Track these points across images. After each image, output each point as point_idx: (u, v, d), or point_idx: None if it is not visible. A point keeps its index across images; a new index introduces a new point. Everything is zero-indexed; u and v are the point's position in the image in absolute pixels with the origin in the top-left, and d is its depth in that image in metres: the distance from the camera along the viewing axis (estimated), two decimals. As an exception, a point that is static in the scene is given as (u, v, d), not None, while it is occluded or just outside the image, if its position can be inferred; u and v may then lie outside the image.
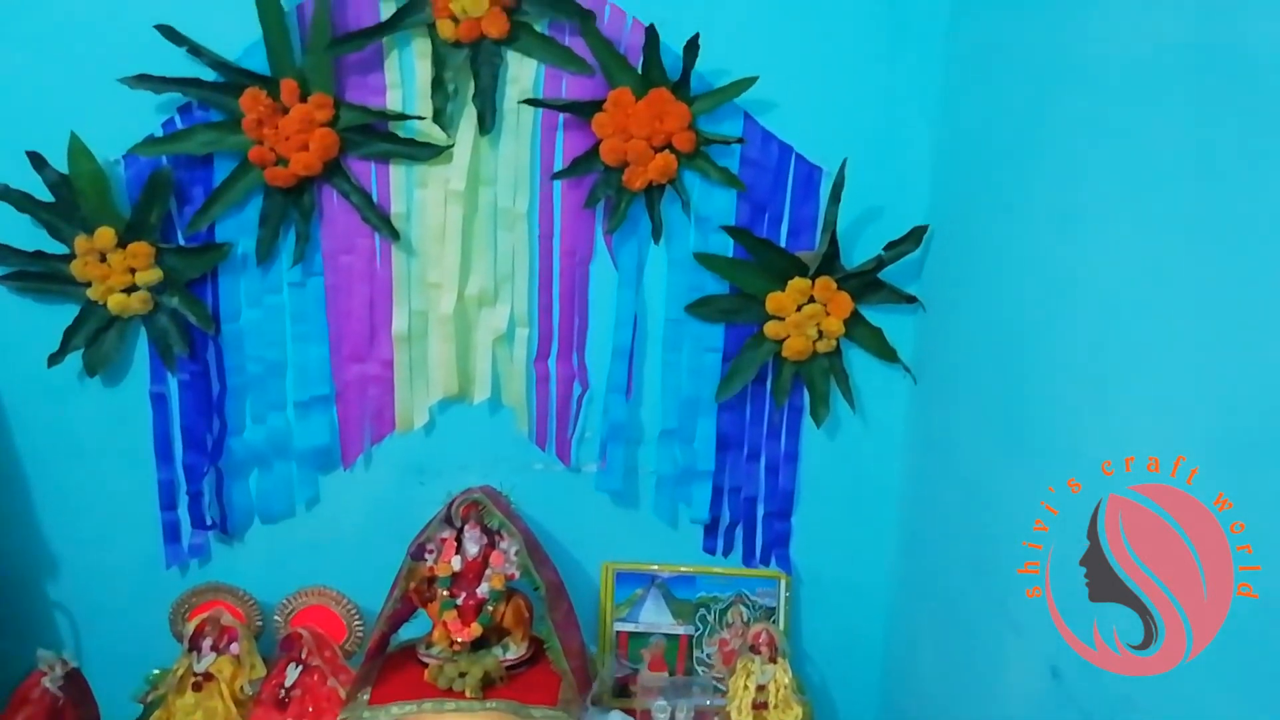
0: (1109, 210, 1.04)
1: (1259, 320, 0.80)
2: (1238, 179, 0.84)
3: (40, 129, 1.50)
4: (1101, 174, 1.06)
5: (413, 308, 1.63)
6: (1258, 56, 0.81)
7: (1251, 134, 0.82)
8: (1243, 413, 0.82)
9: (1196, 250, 0.89)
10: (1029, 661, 1.17)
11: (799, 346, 1.59)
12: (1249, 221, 0.82)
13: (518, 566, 1.54)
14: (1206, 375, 0.87)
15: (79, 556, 1.71)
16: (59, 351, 1.58)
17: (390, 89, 1.55)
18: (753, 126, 1.56)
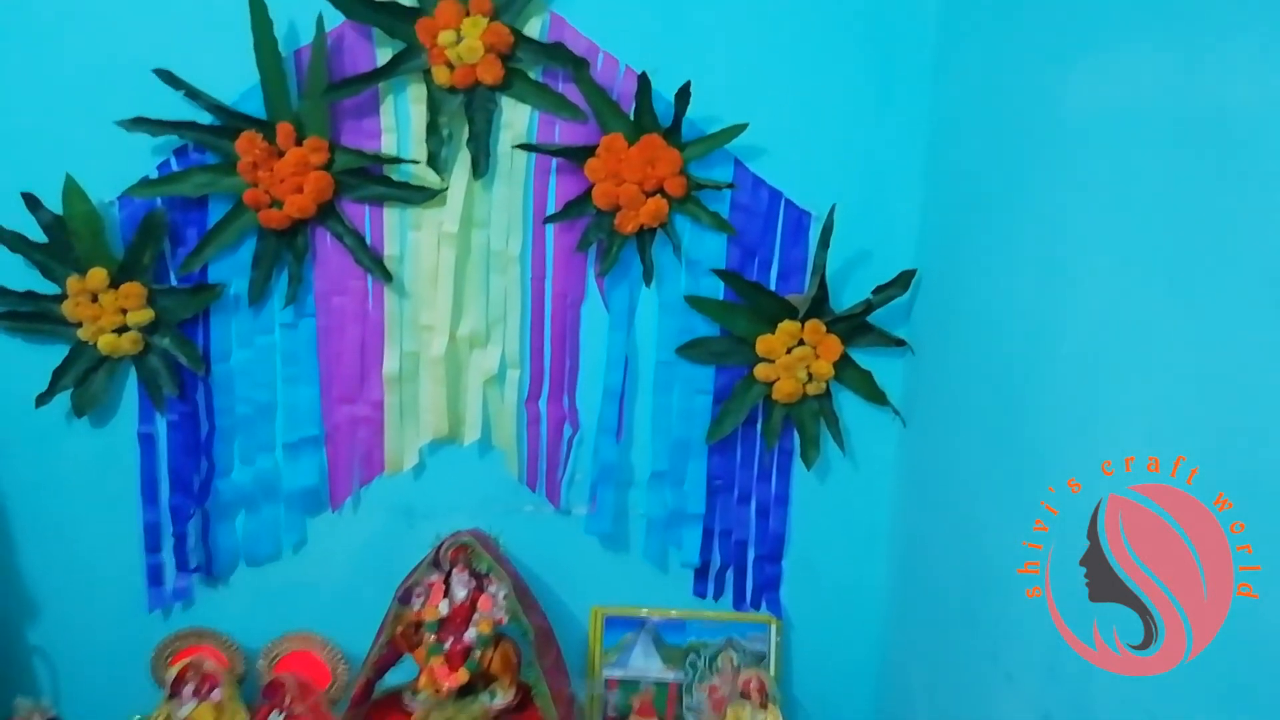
0: (1090, 260, 1.06)
1: (1232, 366, 0.82)
2: (1211, 229, 0.86)
3: (36, 170, 1.51)
4: (1082, 224, 1.08)
5: (404, 349, 1.63)
6: (1230, 114, 0.84)
7: (1223, 186, 0.84)
8: (1233, 457, 0.83)
9: (1174, 301, 0.91)
10: (1021, 710, 1.16)
11: (789, 389, 1.60)
12: (1222, 270, 0.84)
13: (506, 611, 1.52)
14: (1189, 422, 0.88)
15: (60, 599, 1.69)
16: (47, 391, 1.58)
17: (385, 133, 1.57)
18: (743, 172, 1.58)
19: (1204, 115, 0.87)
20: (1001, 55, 1.32)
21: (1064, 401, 1.11)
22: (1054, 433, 1.13)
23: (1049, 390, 1.14)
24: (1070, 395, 1.09)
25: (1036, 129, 1.20)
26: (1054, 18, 1.16)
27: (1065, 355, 1.11)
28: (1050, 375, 1.14)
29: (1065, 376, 1.11)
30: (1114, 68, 1.02)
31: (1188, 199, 0.89)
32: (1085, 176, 1.08)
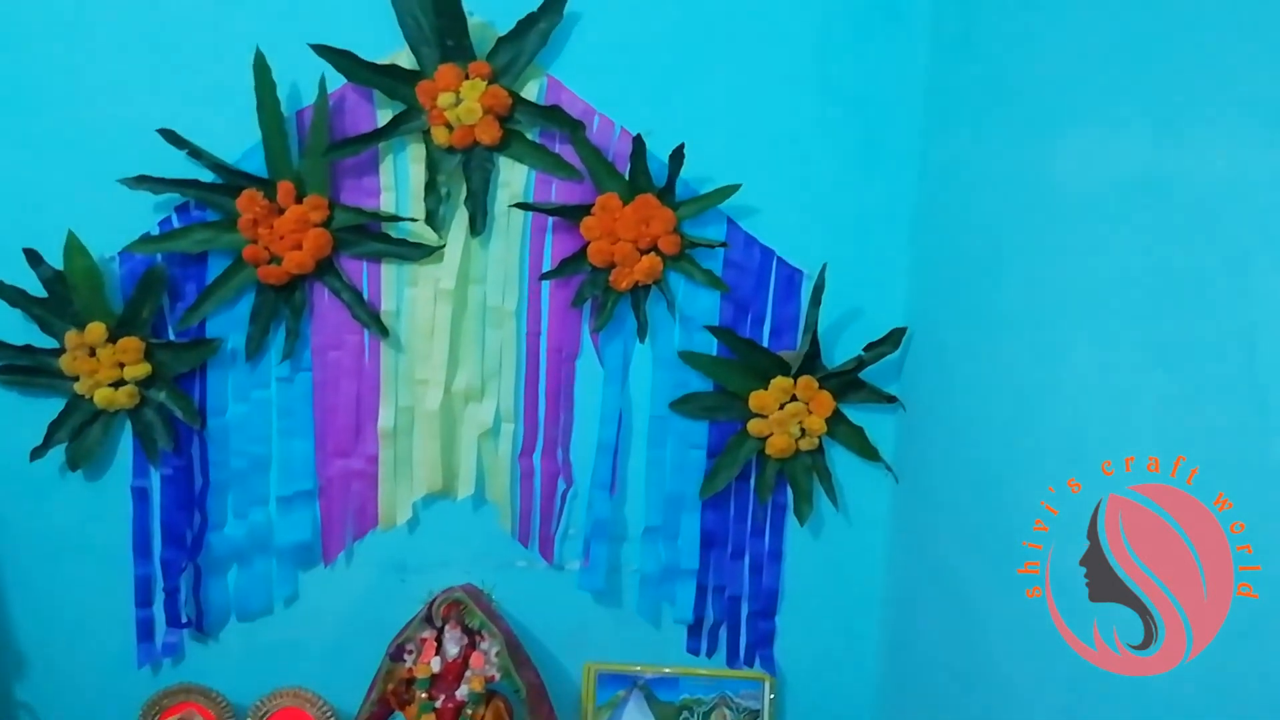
0: (1073, 321, 1.09)
1: (1215, 420, 0.83)
2: (1187, 293, 0.89)
3: (38, 226, 1.53)
4: (1064, 287, 1.10)
5: (399, 403, 1.64)
6: (1204, 186, 0.87)
7: (1199, 255, 0.87)
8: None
9: (1153, 363, 0.93)
10: (1016, 769, 1.15)
11: (782, 444, 1.61)
12: (1198, 334, 0.87)
13: (498, 668, 1.52)
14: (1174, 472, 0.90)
15: (49, 654, 1.68)
16: (42, 445, 1.58)
17: (384, 191, 1.59)
18: (736, 230, 1.61)
19: (1178, 183, 0.90)
20: (986, 122, 1.35)
21: (1052, 458, 1.12)
22: (1044, 488, 1.14)
23: (1040, 446, 1.16)
24: (1058, 452, 1.11)
25: (1019, 194, 1.23)
26: (1037, 90, 1.20)
27: (1052, 415, 1.12)
28: (1040, 431, 1.15)
29: (1055, 432, 1.12)
30: (1095, 139, 1.06)
31: (1165, 265, 0.92)
32: (1067, 241, 1.10)
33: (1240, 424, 0.81)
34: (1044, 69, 1.17)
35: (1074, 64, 1.10)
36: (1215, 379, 0.85)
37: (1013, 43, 1.27)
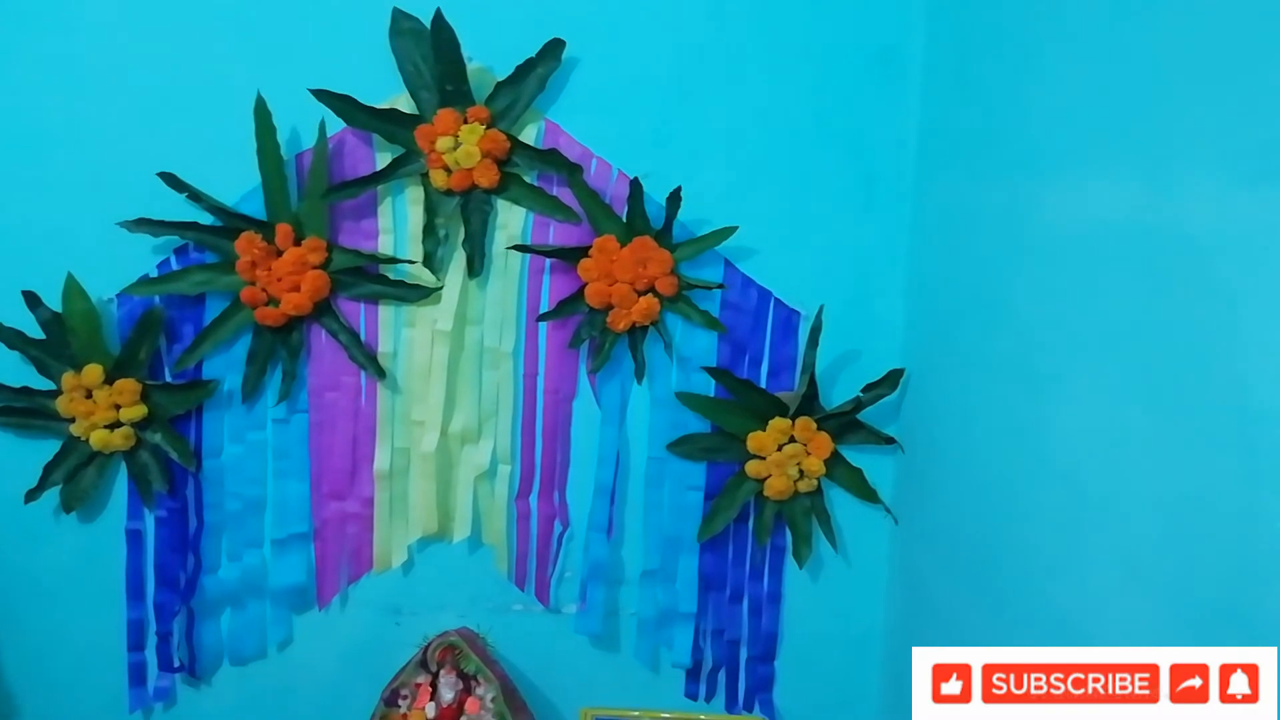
0: (1065, 363, 1.09)
1: (1207, 467, 0.83)
2: (1177, 337, 0.89)
3: (37, 268, 1.54)
4: (1060, 328, 1.10)
5: (395, 445, 1.64)
6: (1193, 233, 0.88)
7: (1188, 299, 0.87)
8: (1204, 561, 0.84)
9: (1144, 401, 0.93)
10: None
11: (780, 486, 1.60)
12: (1190, 375, 0.87)
13: (494, 714, 1.50)
14: (1168, 519, 0.89)
15: (40, 697, 1.66)
16: (37, 487, 1.57)
17: (383, 233, 1.60)
18: (733, 272, 1.61)
19: (1168, 231, 0.91)
20: (979, 165, 1.36)
21: (1051, 500, 1.11)
22: (1042, 531, 1.13)
23: (1036, 489, 1.15)
24: (1056, 493, 1.10)
25: (1012, 237, 1.24)
26: (1028, 135, 1.21)
27: (1049, 454, 1.12)
28: (1036, 474, 1.15)
29: (1051, 475, 1.12)
30: (1085, 184, 1.06)
31: (1156, 307, 0.93)
32: (1060, 283, 1.11)
33: (1229, 467, 0.81)
34: (1035, 115, 1.18)
35: (1065, 111, 1.11)
36: (1205, 422, 0.85)
37: (1005, 89, 1.28)
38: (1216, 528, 0.83)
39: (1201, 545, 0.85)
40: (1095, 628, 1.00)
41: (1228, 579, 0.82)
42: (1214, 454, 0.84)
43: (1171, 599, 0.89)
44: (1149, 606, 0.92)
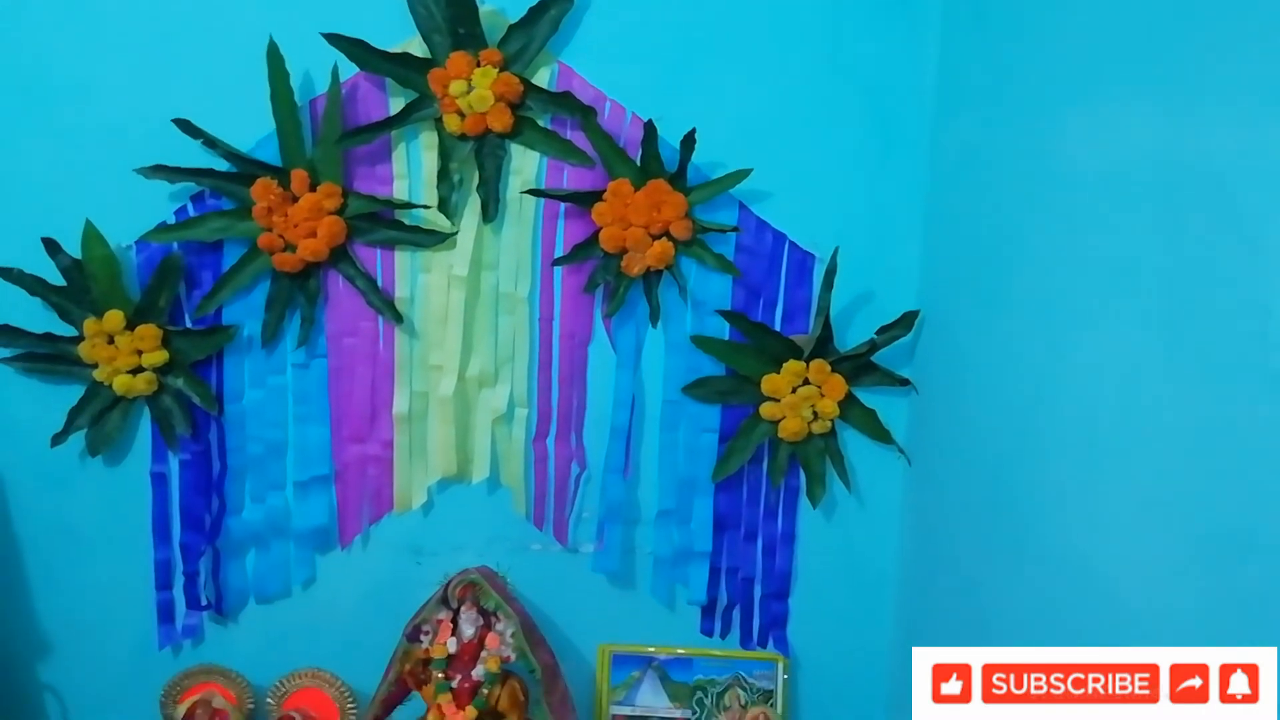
0: (1085, 300, 1.09)
1: (1229, 407, 0.84)
2: (1200, 272, 0.89)
3: (57, 216, 1.55)
4: (1077, 266, 1.11)
5: (414, 389, 1.66)
6: (1219, 164, 0.87)
7: (1210, 237, 0.87)
8: (1223, 501, 0.85)
9: (1170, 338, 0.93)
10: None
11: (794, 427, 1.62)
12: (1211, 314, 0.87)
13: (514, 649, 1.53)
14: (1187, 458, 0.90)
15: (71, 637, 1.71)
16: (62, 431, 1.60)
17: (397, 179, 1.60)
18: (747, 215, 1.61)
19: (1192, 164, 0.90)
20: (997, 103, 1.35)
21: (1067, 441, 1.13)
22: (1057, 473, 1.14)
23: (1052, 430, 1.16)
24: (1072, 435, 1.11)
25: (1031, 175, 1.23)
26: (1048, 71, 1.20)
27: (1066, 395, 1.13)
28: (1052, 415, 1.16)
29: (1067, 416, 1.12)
30: (1106, 118, 1.05)
31: (1178, 248, 0.92)
32: (1081, 222, 1.10)
33: (1251, 403, 0.82)
34: (1055, 50, 1.17)
35: (1085, 44, 1.10)
36: (1229, 360, 0.85)
37: (1023, 25, 1.27)
38: (1236, 465, 0.84)
39: (1221, 483, 0.86)
40: (1109, 564, 1.02)
41: (1246, 516, 0.82)
42: (1236, 391, 0.84)
43: (1188, 538, 0.90)
44: (1164, 543, 0.93)
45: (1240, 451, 0.83)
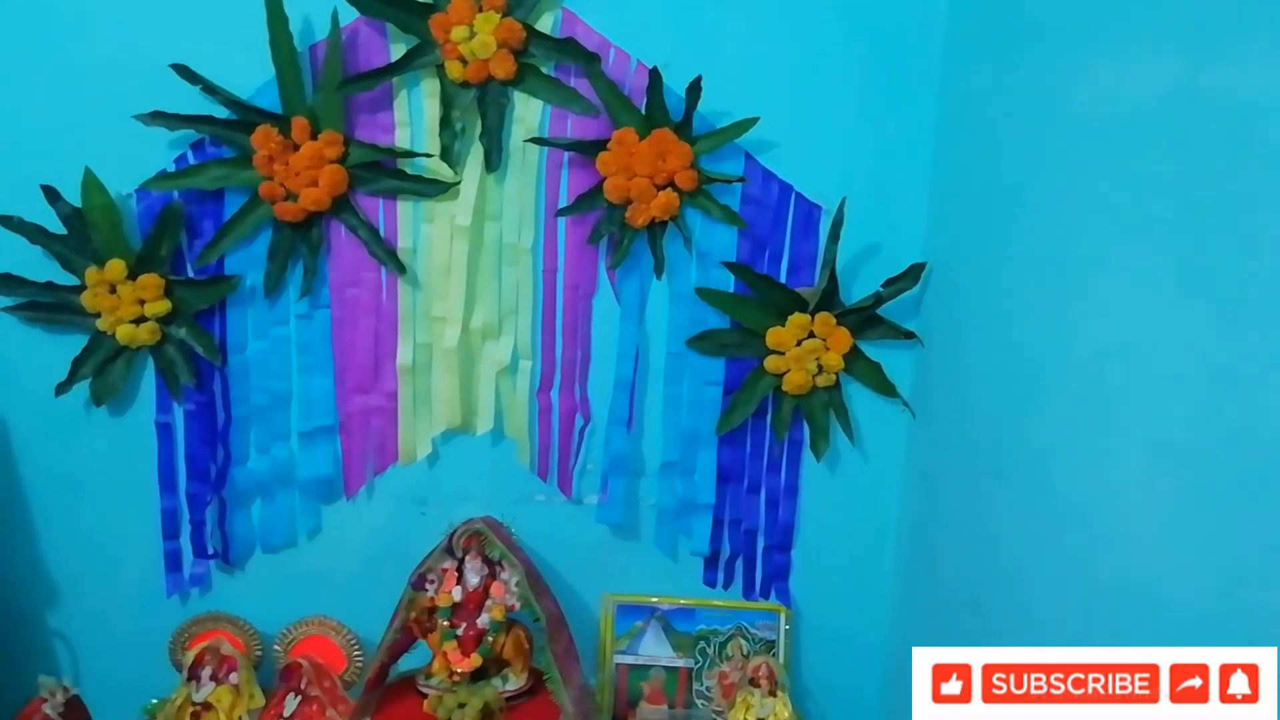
0: (1098, 252, 1.07)
1: (1240, 356, 0.83)
2: (1217, 220, 0.87)
3: (55, 163, 1.53)
4: (1090, 217, 1.09)
5: (417, 340, 1.65)
6: (1237, 104, 0.85)
7: (1231, 176, 0.85)
8: (1230, 451, 0.85)
9: (1183, 288, 0.92)
10: (1027, 696, 1.17)
11: (799, 381, 1.61)
12: (1230, 259, 0.85)
13: (518, 598, 1.55)
14: (1199, 412, 0.89)
15: (79, 584, 1.72)
16: (67, 380, 1.60)
17: (399, 127, 1.58)
18: (753, 165, 1.59)
19: (1211, 105, 0.88)
20: (1008, 50, 1.33)
21: (1073, 394, 1.12)
22: (1062, 425, 1.14)
23: (1058, 382, 1.15)
24: (1079, 387, 1.11)
25: (1044, 122, 1.21)
26: (1060, 13, 1.17)
27: (1074, 347, 1.12)
28: (1059, 367, 1.15)
29: (1074, 368, 1.12)
30: (1121, 62, 1.03)
31: (1195, 191, 0.90)
32: (1093, 169, 1.09)
33: (1266, 354, 0.81)
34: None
35: (1102, -12, 1.07)
36: (1241, 309, 0.84)
37: (1040, -32, 1.23)
38: (1245, 414, 0.83)
39: (1228, 433, 0.85)
40: (1111, 518, 1.02)
41: (1255, 466, 0.82)
42: (1247, 339, 0.82)
43: (1193, 489, 0.90)
44: (1169, 494, 0.93)
45: (1249, 401, 0.83)
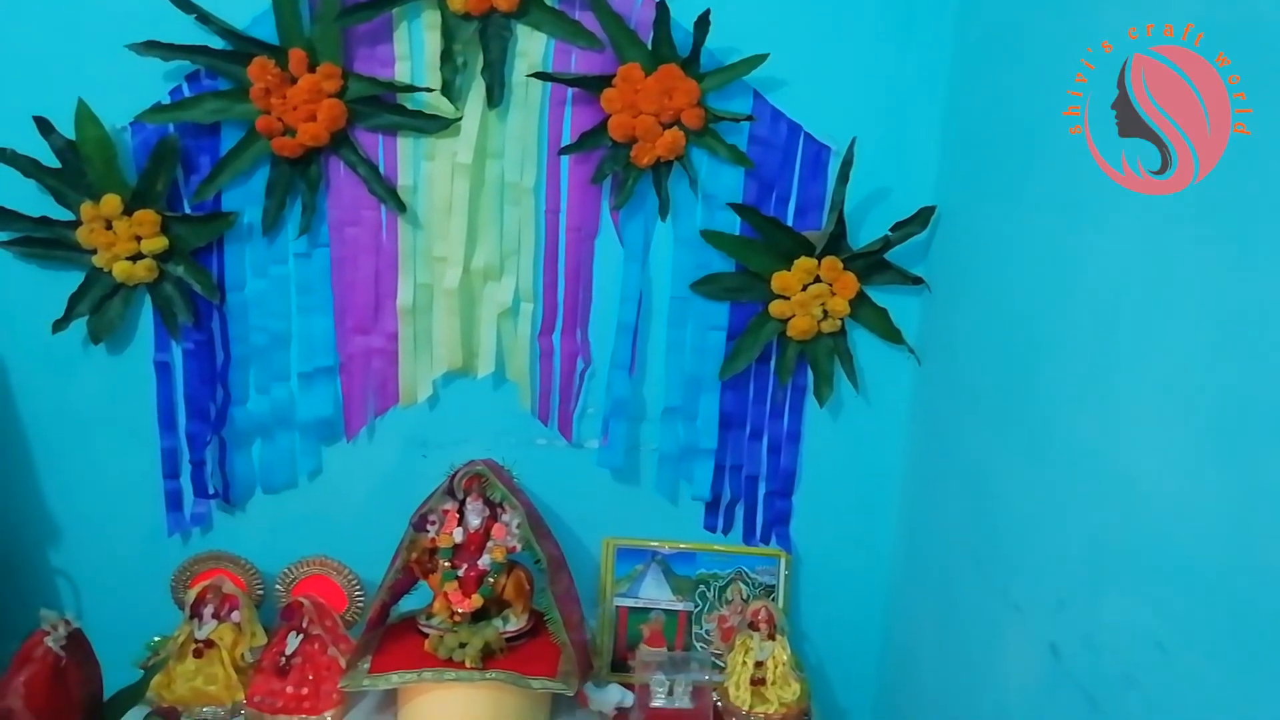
0: (1114, 197, 1.04)
1: (1264, 291, 0.81)
2: (1245, 151, 0.84)
3: (47, 95, 1.50)
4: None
5: (418, 281, 1.63)
6: (1270, 24, 0.82)
7: (1265, 100, 0.82)
8: (1249, 390, 0.83)
9: (1202, 224, 0.89)
10: (1028, 641, 1.17)
11: (804, 326, 1.60)
12: (1250, 193, 0.83)
13: (519, 539, 1.54)
14: (1217, 353, 0.87)
15: (81, 523, 1.72)
16: (63, 318, 1.59)
17: (399, 60, 1.54)
18: (762, 104, 1.56)
19: (1244, 37, 0.85)
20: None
21: (1082, 342, 1.10)
22: (1074, 369, 1.12)
23: (1067, 331, 1.13)
24: (1089, 334, 1.09)
25: (1062, 61, 1.17)
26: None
27: (1085, 295, 1.10)
28: (1072, 311, 1.13)
29: (1087, 311, 1.10)
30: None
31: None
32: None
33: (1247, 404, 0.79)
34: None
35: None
36: (1270, 239, 0.81)
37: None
38: (1264, 351, 0.81)
39: (1247, 371, 0.83)
40: (1123, 464, 1.00)
41: (1273, 405, 0.80)
42: (1271, 274, 0.80)
43: (1210, 430, 0.88)
44: (1185, 435, 0.91)
45: (1270, 340, 0.81)
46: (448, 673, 1.47)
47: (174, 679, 1.54)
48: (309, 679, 1.56)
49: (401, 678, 1.47)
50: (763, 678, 1.58)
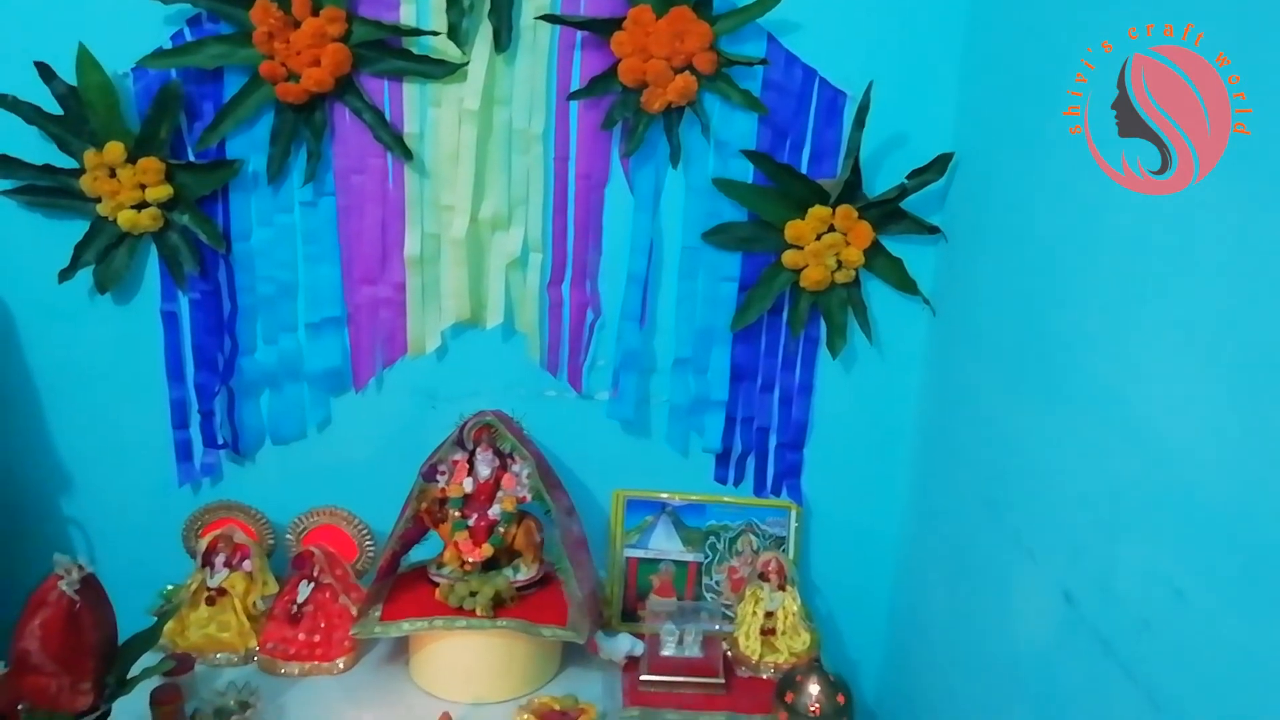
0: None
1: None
2: (1263, 96, 0.82)
3: (48, 39, 1.47)
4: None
5: (425, 230, 1.61)
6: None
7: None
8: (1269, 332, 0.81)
9: (1223, 188, 0.87)
10: (1041, 587, 1.17)
11: (817, 276, 1.57)
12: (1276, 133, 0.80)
13: (529, 489, 1.54)
14: (1242, 295, 0.85)
15: (92, 473, 1.72)
16: (69, 267, 1.57)
17: (404, 3, 1.51)
18: (776, 48, 1.52)
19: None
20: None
21: (1100, 292, 1.08)
22: (1091, 318, 1.10)
23: (1087, 278, 1.11)
24: (1107, 285, 1.06)
25: (1082, 4, 1.13)
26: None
27: (1104, 245, 1.07)
28: (1091, 257, 1.11)
29: (1107, 257, 1.07)
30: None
31: (1254, 63, 0.85)
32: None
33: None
34: None
35: None
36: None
37: None
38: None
39: (1271, 316, 0.81)
40: (1144, 411, 0.99)
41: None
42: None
43: (1229, 374, 0.86)
44: (1204, 380, 0.89)
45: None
46: (459, 621, 1.47)
47: (187, 626, 1.56)
48: (320, 626, 1.57)
49: (413, 625, 1.48)
50: (773, 628, 1.59)
